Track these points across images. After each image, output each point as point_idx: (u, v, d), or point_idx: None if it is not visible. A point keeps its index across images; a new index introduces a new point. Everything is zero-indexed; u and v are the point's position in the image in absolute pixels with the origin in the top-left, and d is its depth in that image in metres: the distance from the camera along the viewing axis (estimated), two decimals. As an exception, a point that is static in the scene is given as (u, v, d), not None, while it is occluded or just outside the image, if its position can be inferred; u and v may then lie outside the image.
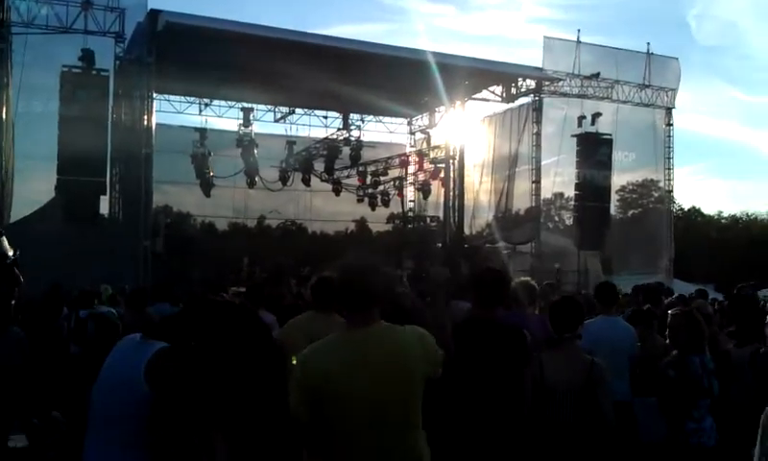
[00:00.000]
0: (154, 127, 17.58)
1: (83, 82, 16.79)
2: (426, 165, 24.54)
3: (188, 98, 23.67)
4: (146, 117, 17.19)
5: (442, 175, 24.33)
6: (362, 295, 3.06)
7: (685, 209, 45.19)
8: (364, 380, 2.96)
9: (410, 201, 27.07)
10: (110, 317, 5.48)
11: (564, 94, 22.40)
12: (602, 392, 4.20)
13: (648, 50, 23.35)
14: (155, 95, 18.21)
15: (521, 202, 23.04)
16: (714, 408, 4.67)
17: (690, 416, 4.62)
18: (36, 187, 17.50)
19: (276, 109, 24.81)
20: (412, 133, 27.40)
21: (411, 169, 25.62)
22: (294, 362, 3.05)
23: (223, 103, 23.85)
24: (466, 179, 24.03)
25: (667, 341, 5.05)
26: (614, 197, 24.53)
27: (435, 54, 18.88)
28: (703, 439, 4.58)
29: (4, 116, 16.42)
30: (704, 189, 74.91)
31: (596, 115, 22.17)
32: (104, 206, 17.58)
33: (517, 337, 4.29)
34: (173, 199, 25.70)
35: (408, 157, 25.64)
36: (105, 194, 17.37)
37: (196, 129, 22.31)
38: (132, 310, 6.90)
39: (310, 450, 2.99)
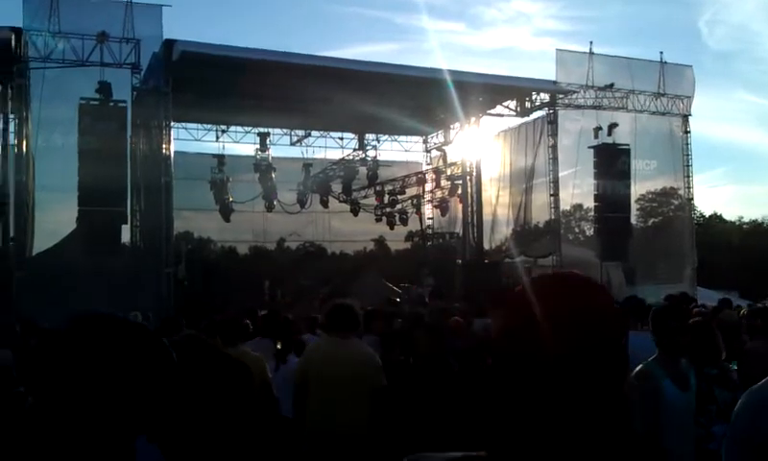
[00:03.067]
0: (172, 155, 17.71)
1: (101, 114, 16.87)
2: (443, 182, 24.49)
3: (205, 125, 23.91)
4: (164, 146, 17.32)
5: (459, 191, 24.29)
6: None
7: (707, 216, 44.68)
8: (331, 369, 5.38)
9: (428, 218, 27.02)
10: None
11: (579, 106, 22.23)
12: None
13: (661, 58, 23.17)
14: (172, 124, 18.35)
15: (540, 215, 22.88)
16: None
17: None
18: (57, 219, 17.63)
19: (293, 133, 24.97)
20: (428, 150, 27.45)
21: (428, 186, 25.56)
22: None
23: (239, 128, 24.06)
24: (483, 194, 23.99)
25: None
26: (634, 206, 24.28)
27: (449, 72, 18.90)
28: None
29: (24, 150, 16.66)
30: (723, 195, 74.17)
31: (612, 126, 21.96)
32: (125, 236, 17.64)
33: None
34: (193, 225, 25.91)
35: (425, 174, 25.62)
36: (126, 223, 17.38)
37: (214, 155, 22.48)
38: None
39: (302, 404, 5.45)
